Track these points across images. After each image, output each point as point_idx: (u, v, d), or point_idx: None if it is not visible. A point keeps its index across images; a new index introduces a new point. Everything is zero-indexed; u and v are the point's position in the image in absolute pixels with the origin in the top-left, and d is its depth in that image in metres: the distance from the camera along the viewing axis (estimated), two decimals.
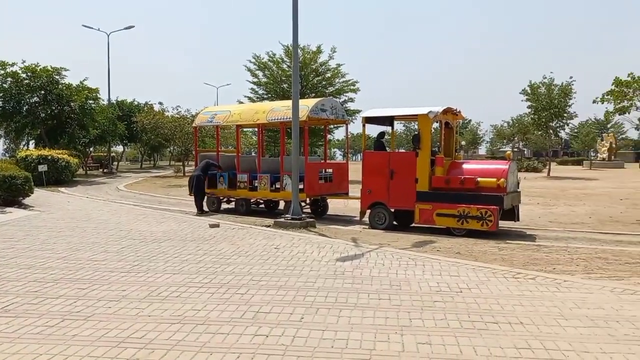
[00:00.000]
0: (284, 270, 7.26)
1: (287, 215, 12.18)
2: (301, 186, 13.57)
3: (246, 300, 5.77)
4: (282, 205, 14.94)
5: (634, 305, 5.61)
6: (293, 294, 6.03)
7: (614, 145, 64.44)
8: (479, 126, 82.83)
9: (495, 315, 5.27)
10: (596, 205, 17.81)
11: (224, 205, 16.57)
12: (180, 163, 45.00)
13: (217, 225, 11.63)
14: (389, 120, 13.59)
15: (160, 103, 62.11)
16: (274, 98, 32.65)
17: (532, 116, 37.94)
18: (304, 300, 5.81)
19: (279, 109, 14.80)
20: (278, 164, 14.85)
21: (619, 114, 15.63)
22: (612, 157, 63.06)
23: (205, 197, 15.79)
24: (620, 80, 14.91)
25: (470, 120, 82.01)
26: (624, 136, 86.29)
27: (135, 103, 50.40)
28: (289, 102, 13.47)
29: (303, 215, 12.18)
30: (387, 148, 14.37)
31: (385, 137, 14.62)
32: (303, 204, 14.19)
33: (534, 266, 8.08)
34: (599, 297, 5.96)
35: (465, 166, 12.14)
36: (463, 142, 71.77)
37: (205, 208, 15.67)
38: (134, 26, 42.57)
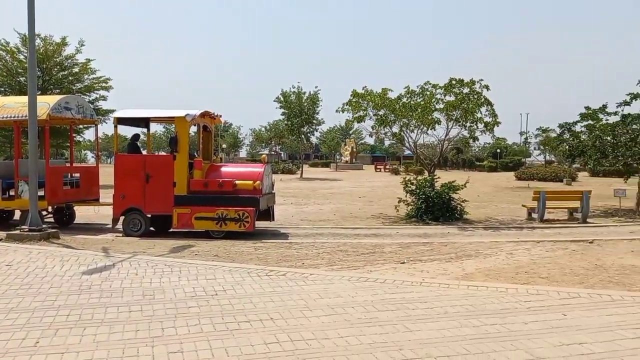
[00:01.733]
0: (17, 290, 6.31)
1: (23, 227, 10.66)
2: (42, 193, 12.03)
3: None
4: (18, 215, 13.03)
5: (366, 291, 6.38)
6: (27, 316, 5.27)
7: (354, 150, 73.22)
8: (239, 130, 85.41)
9: (248, 314, 5.42)
10: (340, 203, 19.93)
11: None
12: None
13: None
14: (144, 122, 12.98)
15: None
16: (10, 93, 28.41)
17: (286, 122, 40.68)
18: (41, 321, 5.12)
19: (12, 106, 12.87)
20: (13, 167, 12.92)
21: (357, 122, 17.68)
22: (354, 160, 71.59)
23: None
24: (357, 92, 16.92)
25: (231, 124, 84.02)
26: (363, 141, 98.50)
27: None
28: (25, 98, 11.83)
29: (44, 226, 10.81)
30: (142, 150, 13.71)
31: (142, 138, 13.93)
32: (44, 212, 12.63)
33: (286, 263, 8.60)
34: (338, 286, 6.63)
35: (223, 169, 12.31)
36: (224, 145, 73.10)
37: None
38: None
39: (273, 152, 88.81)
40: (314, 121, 39.90)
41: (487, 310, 5.65)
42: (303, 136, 41.83)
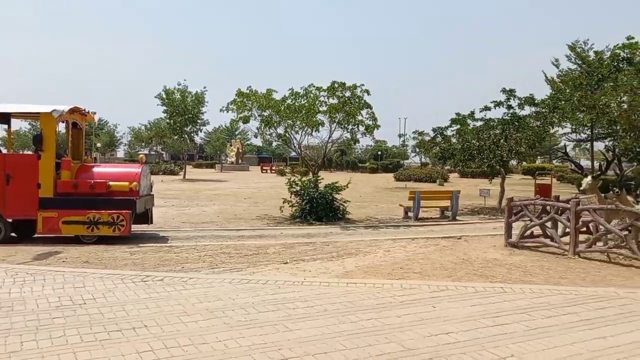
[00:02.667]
0: None
1: None
2: None
3: None
4: None
5: (247, 293, 6.31)
6: None
7: (240, 150, 72.55)
8: (116, 128, 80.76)
9: (119, 323, 5.09)
10: (224, 205, 19.59)
11: None
12: None
13: None
14: (4, 118, 11.78)
15: None
16: None
17: (168, 121, 39.19)
18: None
19: None
20: None
21: (243, 122, 17.48)
22: (240, 160, 70.92)
23: None
24: (242, 91, 16.74)
25: (107, 122, 79.22)
26: (249, 142, 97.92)
27: None
28: None
29: None
30: (1, 149, 12.42)
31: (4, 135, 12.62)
32: None
33: (165, 267, 8.25)
34: (219, 289, 6.48)
35: (96, 169, 11.52)
36: (99, 144, 68.77)
37: None
38: None
39: (154, 152, 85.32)
40: (199, 121, 38.87)
41: (364, 306, 5.84)
42: (186, 136, 40.58)
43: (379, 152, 74.34)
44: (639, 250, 9.04)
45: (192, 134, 41.17)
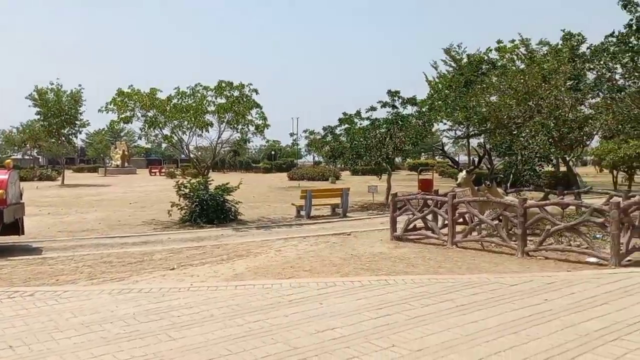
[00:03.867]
0: None
1: None
2: None
3: None
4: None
5: (128, 304, 5.97)
6: None
7: (126, 153, 69.00)
8: None
9: None
10: (108, 211, 18.49)
11: None
12: None
13: None
14: None
15: None
16: None
17: (43, 122, 36.25)
18: None
19: None
20: None
21: (124, 123, 16.61)
22: (126, 163, 67.40)
23: None
24: (122, 91, 15.89)
25: None
26: (136, 144, 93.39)
27: None
28: None
29: None
30: None
31: None
32: None
33: (36, 281, 7.60)
34: (96, 301, 6.07)
35: None
36: None
37: None
38: None
39: (29, 157, 78.68)
40: (77, 122, 36.32)
41: (252, 307, 5.77)
42: (64, 138, 37.77)
43: (273, 152, 74.47)
44: (508, 238, 9.87)
45: (70, 136, 38.42)
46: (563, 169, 27.10)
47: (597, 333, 4.85)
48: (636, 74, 12.42)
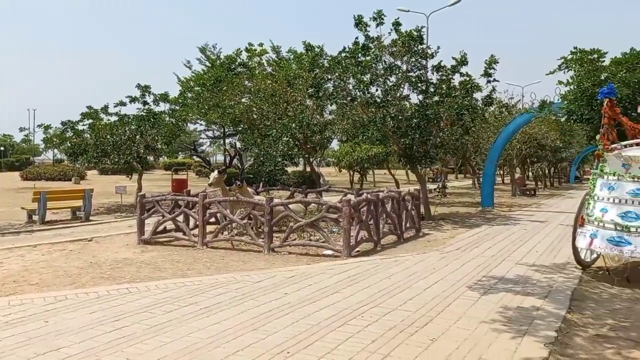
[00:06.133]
0: None
1: None
2: None
3: None
4: None
5: None
6: None
7: None
8: None
9: None
10: None
11: None
12: None
13: None
14: None
15: None
16: None
17: None
18: None
19: None
20: None
21: None
22: None
23: None
24: None
25: None
26: None
27: None
28: None
29: None
30: None
31: None
32: None
33: None
34: None
35: None
36: None
37: None
38: None
39: None
40: None
41: None
42: None
43: (2, 148, 64.40)
44: (257, 236, 10.20)
45: None
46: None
47: (327, 321, 5.27)
48: (362, 86, 14.09)
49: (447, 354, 4.48)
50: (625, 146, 7.89)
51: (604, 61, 12.44)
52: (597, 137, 8.13)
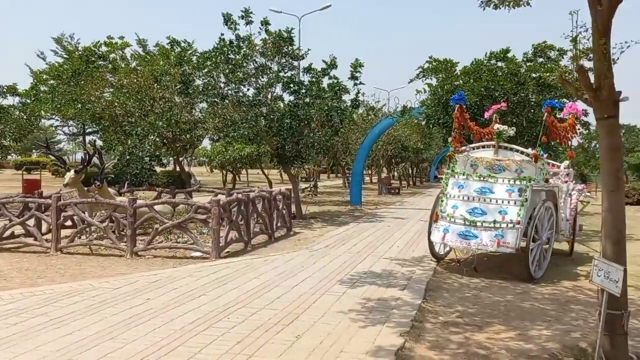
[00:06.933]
0: None
1: None
2: None
3: None
4: None
5: None
6: None
7: None
8: None
9: None
10: None
11: None
12: None
13: None
14: None
15: None
16: None
17: None
18: None
19: None
20: None
21: None
22: None
23: None
24: None
25: None
26: None
27: None
28: None
29: None
30: None
31: None
32: None
33: None
34: None
35: None
36: None
37: None
38: None
39: None
40: None
41: None
42: None
43: None
44: (119, 239, 9.60)
45: None
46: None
47: (191, 325, 5.11)
48: (232, 84, 13.94)
49: (311, 349, 4.57)
50: (473, 148, 8.69)
51: (455, 71, 13.57)
52: (449, 139, 8.86)
